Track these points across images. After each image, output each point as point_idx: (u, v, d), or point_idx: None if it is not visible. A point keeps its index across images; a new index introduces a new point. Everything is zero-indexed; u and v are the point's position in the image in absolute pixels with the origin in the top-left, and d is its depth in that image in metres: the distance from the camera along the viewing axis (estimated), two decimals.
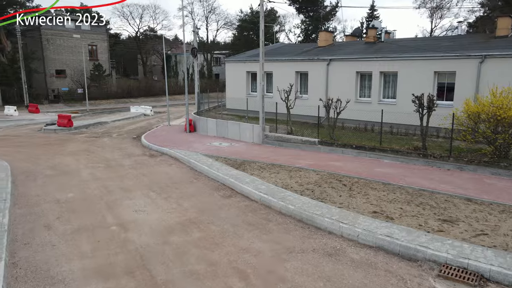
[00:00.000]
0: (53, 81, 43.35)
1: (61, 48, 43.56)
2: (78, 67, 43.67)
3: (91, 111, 35.47)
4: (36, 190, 11.59)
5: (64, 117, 24.09)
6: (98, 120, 28.52)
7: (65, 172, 13.90)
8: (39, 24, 42.34)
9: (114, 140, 21.27)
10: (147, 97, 48.92)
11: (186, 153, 16.29)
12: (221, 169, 13.42)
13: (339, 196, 10.38)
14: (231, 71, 26.09)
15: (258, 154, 15.80)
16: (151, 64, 73.17)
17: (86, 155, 17.15)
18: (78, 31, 44.94)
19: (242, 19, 61.59)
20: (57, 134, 22.99)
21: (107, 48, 48.55)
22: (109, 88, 45.80)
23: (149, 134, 22.14)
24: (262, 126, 17.71)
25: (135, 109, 34.45)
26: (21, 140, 20.84)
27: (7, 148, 18.40)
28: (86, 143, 20.17)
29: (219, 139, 19.73)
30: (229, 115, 24.09)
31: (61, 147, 18.86)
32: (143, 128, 25.99)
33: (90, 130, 24.84)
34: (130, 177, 13.25)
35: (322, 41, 24.96)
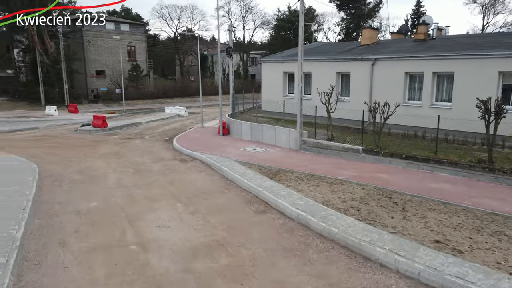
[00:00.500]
0: (93, 82, 44.26)
1: (101, 49, 44.38)
2: (117, 68, 44.27)
3: (127, 111, 35.64)
4: (60, 197, 10.98)
5: (99, 118, 23.99)
6: (133, 121, 28.36)
7: (92, 177, 13.31)
8: (82, 26, 43.52)
9: (146, 142, 20.75)
10: (183, 97, 48.88)
11: (218, 159, 15.29)
12: (255, 179, 12.25)
13: (391, 217, 8.86)
14: (268, 72, 24.88)
15: (295, 162, 14.48)
16: (188, 65, 73.68)
17: (117, 158, 16.62)
18: (118, 32, 45.63)
19: (279, 18, 60.32)
20: (91, 135, 22.87)
21: (145, 48, 49.02)
22: (146, 89, 46.15)
23: (181, 137, 21.44)
24: (299, 131, 16.36)
25: (169, 110, 34.18)
26: (56, 140, 20.82)
27: (42, 149, 18.31)
28: (118, 145, 19.75)
29: (254, 144, 18.60)
30: (264, 117, 22.95)
31: (93, 149, 18.53)
32: (176, 129, 25.42)
33: (124, 131, 24.60)
34: (157, 185, 12.40)
35: (365, 39, 23.17)
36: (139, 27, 49.14)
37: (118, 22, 46.89)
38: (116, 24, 46.13)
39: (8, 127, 24.94)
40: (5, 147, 18.76)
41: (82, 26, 43.19)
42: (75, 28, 44.35)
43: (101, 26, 44.36)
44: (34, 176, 12.52)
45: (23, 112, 34.48)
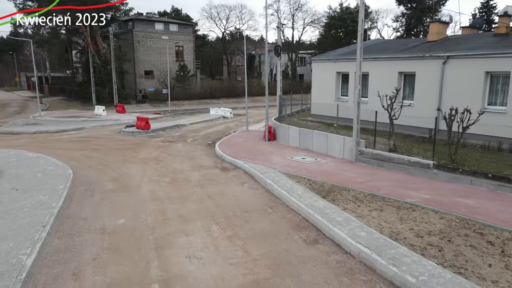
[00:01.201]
0: (142, 82, 44.72)
1: (150, 50, 44.73)
2: (164, 68, 44.38)
3: (173, 112, 35.25)
4: (87, 210, 9.95)
5: (142, 119, 23.43)
6: (177, 122, 27.65)
7: (126, 187, 12.26)
8: (132, 27, 44.17)
9: (187, 146, 19.68)
10: (229, 98, 48.06)
11: (262, 169, 13.68)
12: (304, 197, 10.46)
13: (488, 265, 6.69)
14: (319, 72, 22.88)
15: (351, 177, 12.46)
16: (235, 65, 73.17)
17: (155, 164, 15.59)
18: (167, 33, 45.76)
19: (331, 16, 57.65)
20: (134, 137, 22.31)
21: (193, 48, 48.82)
22: (192, 89, 45.86)
23: (224, 141, 20.12)
24: (356, 139, 14.28)
25: (214, 111, 33.24)
26: (98, 143, 20.41)
27: (82, 152, 17.84)
28: (159, 149, 18.85)
29: (302, 152, 16.78)
30: (314, 122, 21.01)
31: (133, 153, 17.73)
32: (220, 132, 24.22)
33: (167, 133, 23.83)
34: (194, 199, 11.02)
35: (433, 34, 20.36)
36: (187, 27, 49.06)
37: (167, 23, 47.09)
38: (165, 25, 46.31)
39: (57, 127, 25.19)
40: (49, 148, 18.56)
41: (132, 27, 43.91)
42: (127, 29, 45.16)
43: (151, 26, 44.87)
44: (66, 184, 11.69)
45: (75, 112, 35.32)
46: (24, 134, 22.99)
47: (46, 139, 21.44)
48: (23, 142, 20.33)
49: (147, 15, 48.42)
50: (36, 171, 13.11)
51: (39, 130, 23.97)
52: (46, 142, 20.35)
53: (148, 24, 44.97)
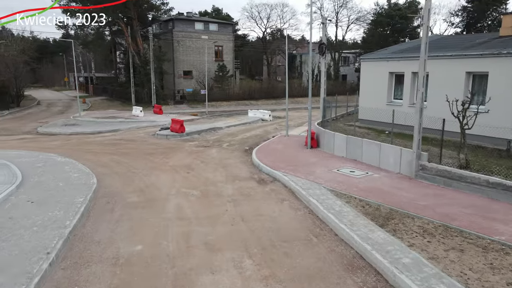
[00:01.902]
0: (181, 82, 44.26)
1: (189, 50, 44.16)
2: (203, 68, 43.64)
3: (210, 114, 34.20)
4: (103, 232, 8.67)
5: (176, 122, 22.37)
6: (213, 125, 26.42)
7: (150, 201, 10.95)
8: (172, 27, 43.84)
9: (222, 152, 18.25)
10: (268, 99, 46.40)
11: (304, 184, 11.88)
12: (357, 224, 8.56)
13: None
14: (368, 72, 20.61)
15: (412, 199, 10.34)
16: (275, 65, 71.45)
17: (186, 172, 14.26)
18: (206, 32, 45.00)
19: (377, 13, 54.35)
20: (168, 140, 21.27)
21: (232, 48, 47.74)
22: (231, 89, 44.74)
23: (262, 147, 18.49)
24: (417, 151, 12.06)
25: (253, 113, 31.73)
26: (131, 146, 19.52)
27: (112, 156, 16.94)
28: (192, 154, 17.56)
29: (349, 163, 14.76)
30: (362, 128, 18.83)
31: (165, 159, 16.56)
32: (258, 137, 22.63)
33: (202, 137, 22.60)
34: (225, 220, 9.46)
35: (506, 28, 17.47)
36: (227, 26, 48.07)
37: (207, 22, 46.36)
38: (205, 24, 45.59)
39: (93, 128, 24.82)
40: (80, 151, 17.88)
41: (172, 27, 43.57)
42: (167, 29, 44.92)
43: (191, 26, 44.31)
44: (86, 196, 10.57)
45: (114, 112, 35.28)
46: (60, 136, 22.72)
47: (79, 141, 20.93)
48: (57, 144, 19.89)
49: (187, 14, 47.99)
50: (59, 179, 12.17)
51: (75, 132, 23.65)
52: (79, 144, 19.79)
53: (188, 24, 44.45)
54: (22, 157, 15.52)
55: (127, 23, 39.73)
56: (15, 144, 19.82)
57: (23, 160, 14.80)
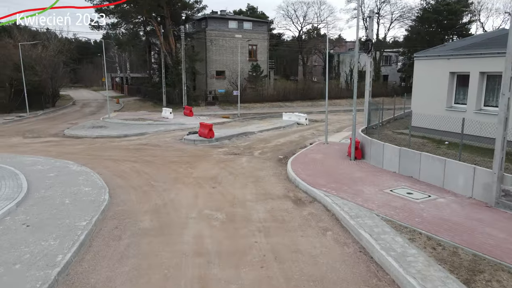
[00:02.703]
0: (213, 83, 42.91)
1: (222, 49, 42.71)
2: (236, 68, 42.07)
3: (242, 116, 32.44)
4: (102, 272, 6.96)
5: (205, 126, 20.71)
6: (244, 129, 24.58)
7: (165, 226, 9.19)
8: (205, 25, 42.59)
9: (254, 161, 16.33)
10: (304, 100, 44.09)
11: (352, 209, 9.69)
12: (431, 278, 6.30)
13: None
14: (423, 72, 17.85)
15: (503, 239, 7.86)
16: (311, 65, 68.85)
17: (211, 187, 12.46)
18: (240, 31, 43.37)
19: (424, 8, 50.39)
20: (195, 146, 19.64)
21: (267, 47, 45.81)
22: (264, 90, 42.82)
23: (298, 157, 16.38)
24: (498, 172, 9.50)
25: (287, 117, 29.62)
26: (155, 153, 18.03)
27: (134, 164, 15.48)
28: (220, 164, 15.77)
29: (404, 181, 12.34)
30: (415, 136, 16.23)
31: (189, 169, 14.87)
32: (293, 143, 20.53)
33: (232, 142, 20.79)
34: (253, 260, 7.49)
35: None
36: (262, 25, 46.19)
37: (241, 20, 44.72)
38: (239, 23, 43.97)
39: (119, 132, 23.73)
40: (101, 158, 16.59)
41: (205, 25, 42.31)
42: (200, 28, 43.74)
43: (224, 24, 42.86)
44: (92, 218, 8.97)
45: (144, 114, 34.39)
46: (85, 139, 21.74)
47: (103, 145, 19.77)
48: (80, 148, 18.79)
49: (221, 13, 46.62)
50: (67, 194, 10.72)
51: (101, 135, 22.62)
52: (101, 149, 18.58)
53: (222, 22, 43.01)
54: (37, 164, 14.36)
55: (160, 22, 38.86)
56: (38, 147, 18.94)
57: (36, 169, 13.60)
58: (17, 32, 44.68)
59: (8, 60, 34.50)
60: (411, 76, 55.32)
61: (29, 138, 21.82)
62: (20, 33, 45.11)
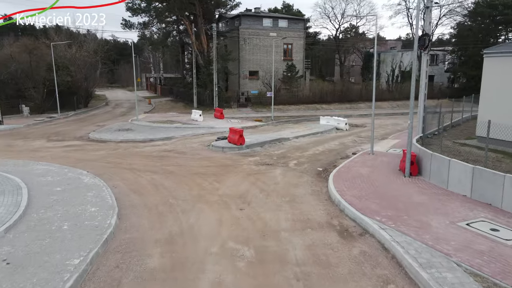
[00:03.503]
0: (245, 83, 41.08)
1: (256, 48, 40.78)
2: (270, 68, 40.00)
3: (276, 119, 30.32)
4: None
5: (235, 132, 18.77)
6: (278, 134, 22.44)
7: (178, 267, 7.27)
8: (239, 24, 40.85)
9: (288, 175, 14.18)
10: (342, 102, 41.24)
11: (419, 252, 7.35)
12: None
13: None
14: (496, 72, 14.89)
15: None
16: (349, 65, 65.55)
17: (239, 208, 10.47)
18: (275, 29, 41.24)
19: (477, 3, 45.96)
20: (224, 154, 17.75)
21: (303, 46, 43.36)
22: (300, 92, 40.43)
23: (341, 171, 14.05)
24: None
25: (325, 121, 27.16)
26: (179, 161, 16.30)
27: (153, 176, 13.79)
28: (250, 177, 13.75)
29: (482, 209, 9.76)
30: (482, 149, 13.38)
31: (215, 183, 12.97)
32: (333, 153, 18.16)
33: (265, 150, 18.73)
34: None
35: None
36: (298, 22, 43.79)
37: (276, 18, 42.57)
38: (274, 20, 41.84)
39: (145, 135, 22.35)
40: (119, 167, 15.08)
41: (239, 23, 40.57)
42: (233, 26, 42.07)
43: (259, 22, 40.92)
44: (88, 253, 7.23)
45: (174, 115, 33.11)
46: (109, 143, 20.47)
47: (126, 151, 18.33)
48: (100, 155, 17.44)
49: (255, 11, 44.73)
50: (68, 216, 9.10)
51: (126, 139, 21.30)
52: (122, 156, 17.12)
53: (256, 20, 41.07)
54: (48, 174, 12.99)
55: (192, 20, 37.55)
56: (58, 152, 17.81)
57: (44, 181, 12.21)
58: (53, 33, 45.13)
59: (42, 61, 34.44)
60: (460, 77, 51.05)
61: (53, 142, 20.87)
62: (56, 33, 45.57)
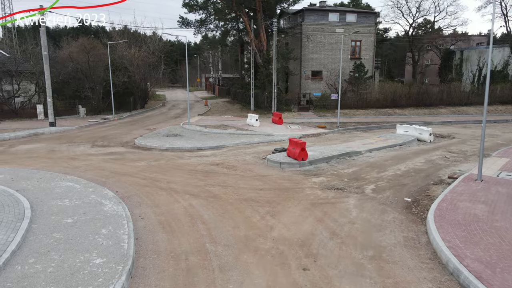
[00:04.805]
0: (307, 84, 37.51)
1: (320, 46, 37.04)
2: (336, 68, 36.06)
3: (342, 126, 26.46)
4: None
5: (296, 144, 15.46)
6: (346, 146, 18.70)
7: None
8: (302, 19, 37.45)
9: (366, 207, 10.58)
10: (418, 107, 35.97)
11: None
12: None
13: None
14: None
15: None
16: (422, 64, 58.80)
17: (300, 268, 7.24)
18: (342, 24, 37.16)
19: None
20: (281, 172, 14.55)
21: (373, 43, 38.69)
22: (368, 94, 35.92)
23: (442, 209, 10.13)
24: None
25: (402, 130, 22.76)
26: (227, 180, 13.39)
27: (192, 202, 11.02)
28: (315, 210, 10.40)
29: None
30: None
31: (269, 218, 9.83)
32: (421, 174, 14.09)
33: (332, 168, 15.20)
34: None
35: None
36: (368, 16, 39.19)
37: (343, 12, 38.42)
38: (341, 15, 37.74)
39: (193, 143, 19.94)
40: (157, 183, 12.57)
41: (302, 19, 37.14)
42: (295, 22, 38.76)
43: (324, 17, 37.17)
44: None
45: (229, 119, 30.65)
46: (153, 152, 18.31)
47: (168, 163, 15.89)
48: (138, 167, 15.16)
49: (320, 5, 40.95)
50: (61, 273, 6.54)
51: (172, 147, 19.01)
52: (163, 170, 14.64)
53: (321, 15, 37.33)
54: (68, 196, 10.78)
55: (251, 16, 34.91)
56: (95, 162, 15.90)
57: (59, 205, 9.97)
58: (116, 34, 45.35)
59: (100, 61, 34.03)
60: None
61: (96, 147, 19.24)
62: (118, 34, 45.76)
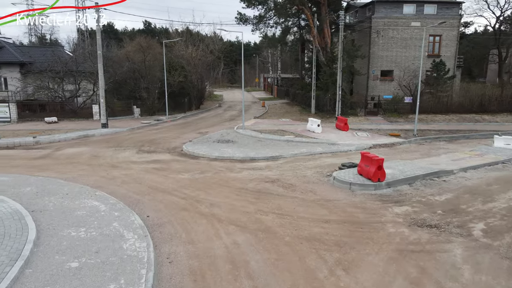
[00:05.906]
0: (375, 86, 33.55)
1: (391, 42, 32.90)
2: (410, 67, 31.71)
3: (419, 134, 22.49)
4: None
5: (370, 161, 12.31)
6: (431, 163, 15.03)
7: None
8: (371, 13, 33.62)
9: (483, 264, 7.32)
10: (510, 113, 30.43)
11: None
12: None
13: None
14: None
15: None
16: (510, 62, 51.17)
17: None
18: (419, 17, 32.66)
19: None
20: (352, 196, 11.55)
21: (456, 38, 33.59)
22: (449, 97, 31.08)
23: None
24: None
25: (502, 142, 18.39)
26: (283, 205, 10.74)
27: (237, 238, 8.56)
28: (405, 263, 7.38)
29: None
30: None
31: (340, 273, 7.04)
32: None
33: (418, 192, 11.85)
34: None
35: None
36: (450, 7, 34.10)
37: (420, 3, 33.73)
38: (418, 6, 33.16)
39: (246, 151, 17.58)
40: (197, 205, 10.33)
41: (371, 13, 33.29)
42: (364, 17, 34.97)
43: (397, 10, 32.95)
44: None
45: (287, 123, 27.98)
46: (200, 161, 16.27)
47: (215, 176, 13.62)
48: (181, 182, 13.05)
49: None
50: None
51: (222, 156, 16.82)
52: (207, 187, 12.38)
53: (393, 7, 33.14)
54: (87, 222, 8.86)
55: (314, 11, 31.89)
56: (136, 172, 14.17)
57: (71, 237, 8.06)
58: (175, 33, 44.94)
59: (156, 60, 33.30)
60: None
61: (141, 153, 17.69)
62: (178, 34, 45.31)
